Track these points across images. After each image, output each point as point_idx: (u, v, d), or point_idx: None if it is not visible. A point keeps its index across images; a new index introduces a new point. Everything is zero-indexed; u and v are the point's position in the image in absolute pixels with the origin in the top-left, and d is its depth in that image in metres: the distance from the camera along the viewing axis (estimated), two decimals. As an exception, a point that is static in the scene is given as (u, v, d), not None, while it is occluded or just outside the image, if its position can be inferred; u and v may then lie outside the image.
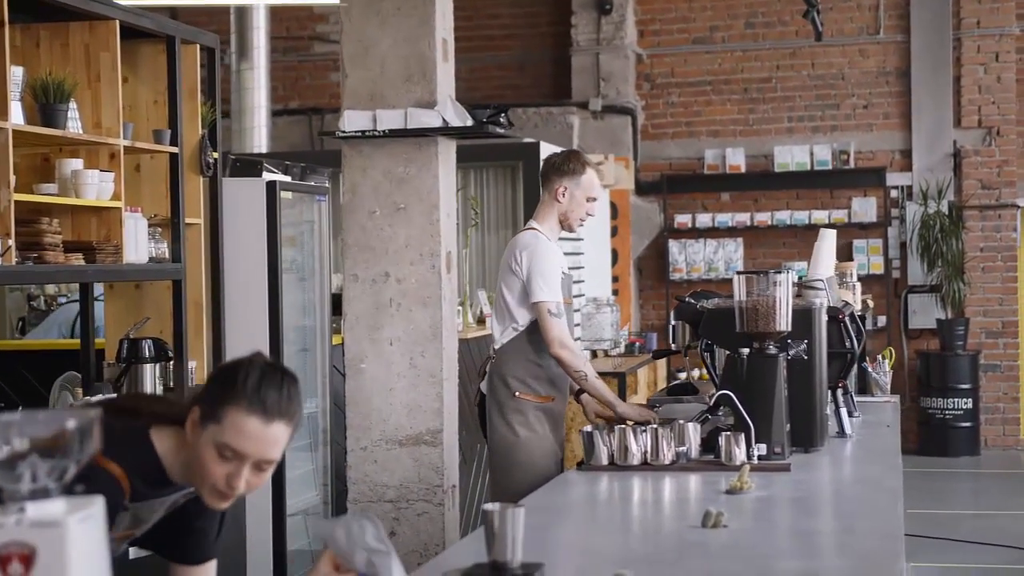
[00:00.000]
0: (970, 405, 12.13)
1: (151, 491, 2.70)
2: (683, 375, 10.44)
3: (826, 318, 4.70)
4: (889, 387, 6.38)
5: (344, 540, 2.43)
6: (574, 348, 5.14)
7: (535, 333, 5.15)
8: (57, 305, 7.88)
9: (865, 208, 12.52)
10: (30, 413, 1.72)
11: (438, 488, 5.54)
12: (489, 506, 2.70)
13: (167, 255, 5.54)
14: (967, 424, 12.15)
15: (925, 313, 12.48)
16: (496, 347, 5.29)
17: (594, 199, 5.29)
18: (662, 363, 10.92)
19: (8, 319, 8.83)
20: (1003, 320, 12.49)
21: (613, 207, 12.29)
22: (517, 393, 5.17)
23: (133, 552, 4.49)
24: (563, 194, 5.23)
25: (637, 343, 10.75)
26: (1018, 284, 12.56)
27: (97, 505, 1.71)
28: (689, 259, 12.81)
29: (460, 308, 8.28)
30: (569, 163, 5.27)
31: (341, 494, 6.42)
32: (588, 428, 4.33)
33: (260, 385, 2.59)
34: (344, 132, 5.54)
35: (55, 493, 1.72)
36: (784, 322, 4.35)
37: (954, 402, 12.10)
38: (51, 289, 8.50)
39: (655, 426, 4.28)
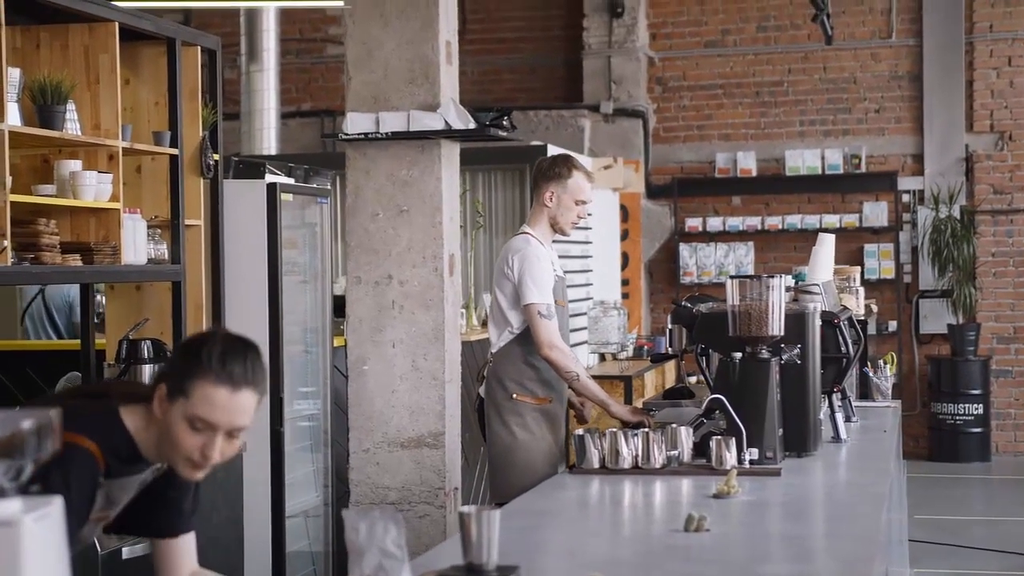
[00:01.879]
0: (981, 411, 12.09)
1: (124, 468, 2.78)
2: (693, 379, 10.42)
3: (820, 323, 4.70)
4: (890, 392, 6.36)
5: (364, 535, 2.43)
6: (565, 349, 5.16)
7: (530, 336, 5.19)
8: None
9: (876, 212, 12.49)
10: (-14, 413, 1.74)
11: (440, 491, 5.55)
12: (465, 508, 2.71)
13: (167, 256, 5.56)
14: (978, 430, 12.11)
15: (936, 318, 12.44)
16: (493, 351, 5.34)
17: (583, 202, 5.31)
18: (671, 367, 10.90)
19: (17, 319, 8.86)
20: (1014, 325, 12.45)
21: (624, 210, 12.29)
22: (514, 395, 5.23)
23: (127, 552, 4.53)
24: (551, 198, 5.28)
25: (646, 347, 10.73)
26: (1030, 289, 12.52)
27: (54, 505, 1.73)
28: (700, 263, 12.80)
29: (464, 311, 8.31)
30: (555, 167, 5.31)
31: (343, 496, 6.44)
32: (580, 431, 4.35)
33: (224, 358, 2.67)
34: (347, 134, 5.55)
35: (11, 493, 1.73)
36: (777, 326, 4.35)
37: (965, 407, 12.07)
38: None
39: (647, 430, 4.29)
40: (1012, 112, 12.43)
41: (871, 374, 6.35)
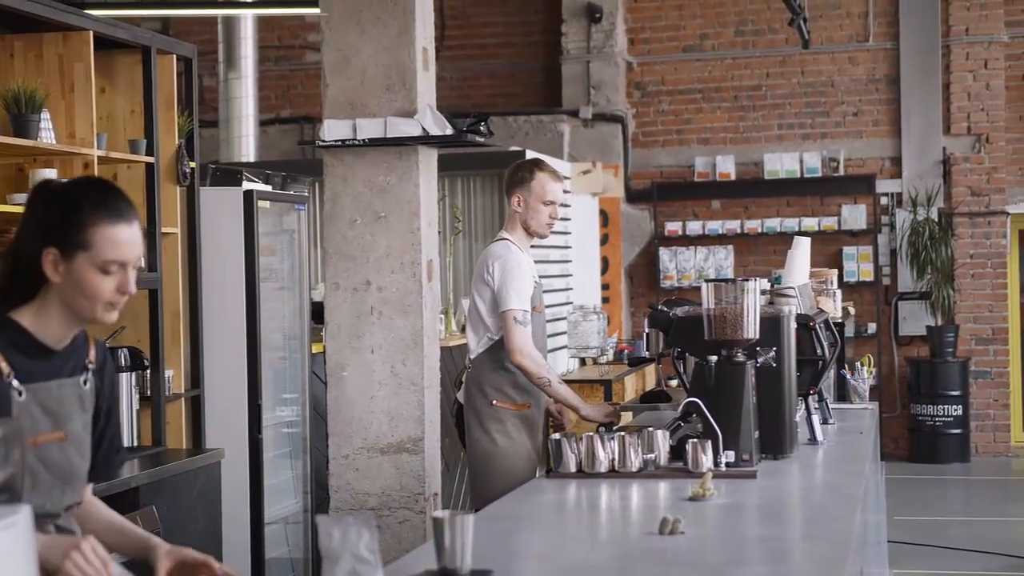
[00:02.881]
0: (960, 412, 12.14)
1: (35, 366, 2.74)
2: (674, 383, 10.43)
3: (795, 325, 4.71)
4: (867, 394, 6.38)
5: (337, 541, 2.43)
6: (535, 356, 5.19)
7: None
8: None
9: (855, 215, 12.54)
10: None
11: (419, 496, 5.55)
12: (438, 514, 2.72)
13: (143, 264, 5.56)
14: (957, 431, 12.16)
15: (915, 320, 12.49)
16: (472, 356, 5.36)
17: (551, 202, 5.35)
18: (651, 370, 10.92)
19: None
20: (993, 327, 12.51)
21: (604, 215, 12.31)
22: (494, 401, 5.26)
23: (116, 555, 4.51)
24: (519, 203, 5.35)
25: (626, 351, 10.75)
26: (1008, 291, 12.57)
27: (22, 514, 1.73)
28: (680, 267, 12.83)
29: (443, 316, 8.31)
30: (518, 172, 5.38)
31: (322, 502, 6.44)
32: (556, 436, 4.36)
33: (104, 199, 2.71)
34: (324, 141, 5.55)
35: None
36: (752, 330, 4.37)
37: (944, 409, 12.11)
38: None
39: (623, 434, 4.30)
40: (989, 115, 12.48)
41: (848, 376, 6.37)
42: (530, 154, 9.34)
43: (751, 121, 12.92)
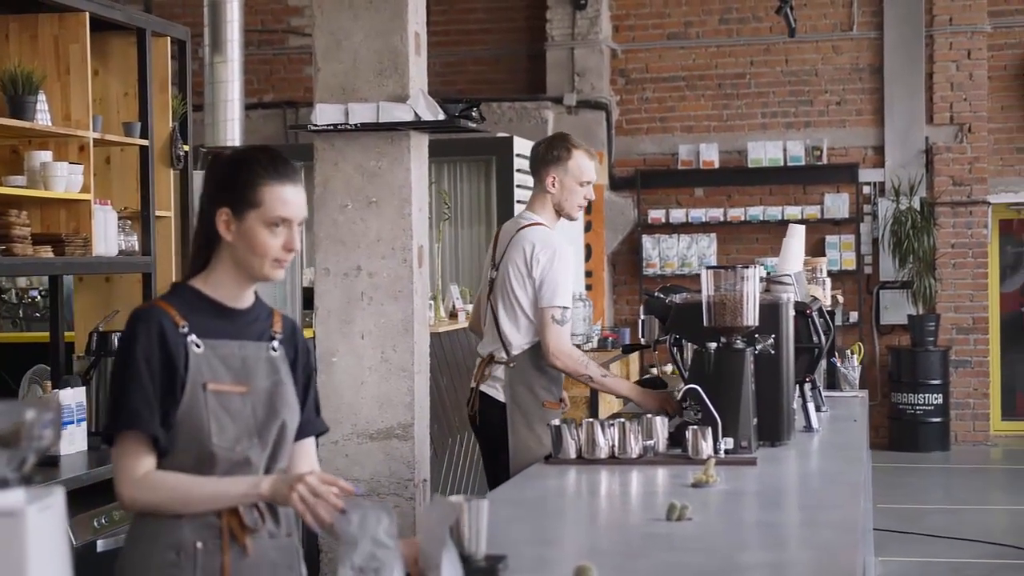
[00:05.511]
0: (940, 400, 12.21)
1: (212, 324, 2.86)
2: (655, 370, 10.46)
3: (793, 313, 4.73)
4: (858, 382, 6.42)
5: (356, 525, 2.43)
6: (573, 354, 4.93)
7: None
8: (29, 298, 7.85)
9: (837, 204, 12.59)
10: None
11: (409, 482, 5.55)
12: (454, 499, 2.71)
13: (137, 248, 5.53)
14: (937, 419, 12.23)
15: (896, 309, 12.55)
16: (514, 352, 5.03)
17: (587, 182, 5.05)
18: (635, 358, 10.95)
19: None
20: (973, 316, 12.58)
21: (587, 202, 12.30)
22: (545, 403, 5.02)
23: (102, 545, 4.50)
24: (553, 184, 5.02)
25: (610, 338, 10.76)
26: (988, 280, 12.64)
27: (57, 496, 1.72)
28: (663, 254, 12.85)
29: (432, 302, 8.29)
30: (553, 150, 5.04)
31: (312, 487, 6.42)
32: (556, 422, 4.35)
33: (272, 162, 2.88)
34: (316, 125, 5.53)
35: (14, 483, 1.72)
36: (751, 317, 4.38)
37: (924, 397, 12.18)
38: (22, 282, 8.47)
39: (623, 420, 4.30)
40: (971, 104, 12.54)
41: (839, 364, 6.40)
42: (519, 140, 9.34)
43: (735, 109, 12.94)
